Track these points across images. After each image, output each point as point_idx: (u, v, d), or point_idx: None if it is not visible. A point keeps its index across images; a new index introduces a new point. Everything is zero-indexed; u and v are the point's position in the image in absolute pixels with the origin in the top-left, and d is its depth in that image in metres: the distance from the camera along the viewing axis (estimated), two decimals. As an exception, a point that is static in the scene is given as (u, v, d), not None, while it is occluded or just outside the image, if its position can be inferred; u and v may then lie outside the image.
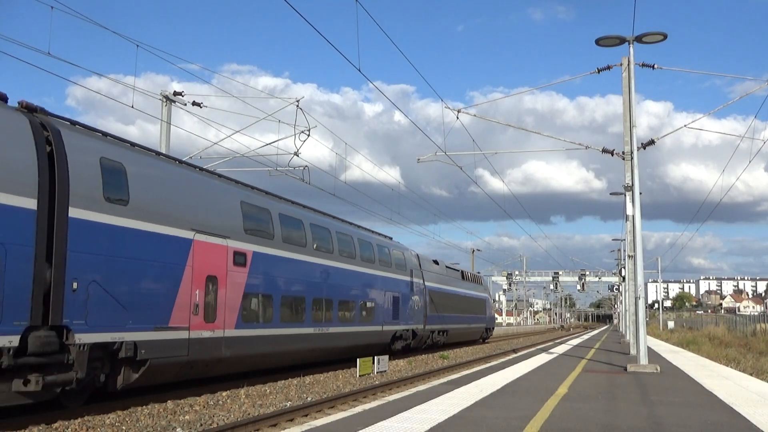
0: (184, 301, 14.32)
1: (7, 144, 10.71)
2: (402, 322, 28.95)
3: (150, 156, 14.61)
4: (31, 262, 10.83)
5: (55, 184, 11.40)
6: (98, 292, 12.10)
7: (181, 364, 14.46)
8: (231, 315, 16.10)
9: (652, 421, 9.38)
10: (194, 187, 15.44)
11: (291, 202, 20.86)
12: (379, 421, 9.10)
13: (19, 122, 11.15)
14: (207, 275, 15.21)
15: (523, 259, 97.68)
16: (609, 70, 22.93)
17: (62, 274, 11.33)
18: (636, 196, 19.58)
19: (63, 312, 11.33)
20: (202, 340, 14.94)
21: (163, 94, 23.15)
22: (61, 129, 11.96)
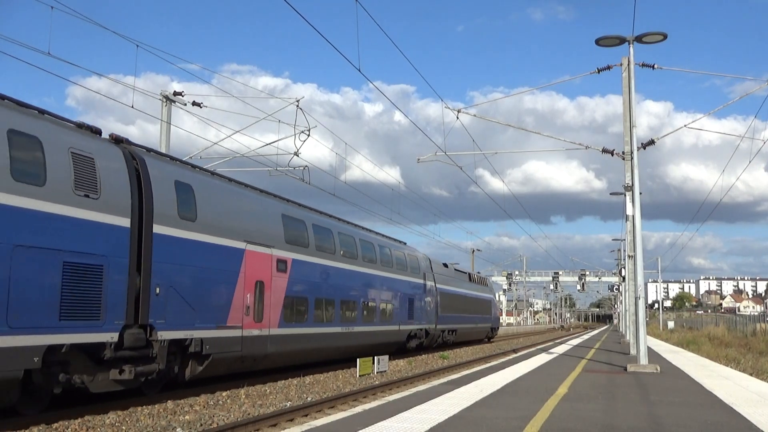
0: (238, 303, 16.39)
1: (110, 172, 12.79)
2: (416, 322, 30.77)
3: (211, 177, 16.82)
4: (126, 271, 12.86)
5: (143, 205, 13.49)
6: (174, 295, 14.14)
7: (235, 359, 16.41)
8: (275, 315, 18.12)
9: (652, 421, 9.38)
10: (245, 202, 17.56)
11: (322, 213, 23.11)
12: (379, 421, 9.10)
13: (116, 154, 13.25)
14: (256, 280, 17.27)
15: (523, 259, 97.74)
16: (609, 70, 22.93)
17: (148, 281, 13.38)
18: (636, 196, 19.58)
19: (149, 313, 13.38)
20: (252, 338, 16.95)
21: (163, 94, 23.14)
22: (145, 157, 14.14)
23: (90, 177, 12.30)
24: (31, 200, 11.03)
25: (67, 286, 11.56)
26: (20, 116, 11.32)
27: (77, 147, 12.20)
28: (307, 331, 20.01)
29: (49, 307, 11.21)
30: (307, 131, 23.44)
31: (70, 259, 11.64)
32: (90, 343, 12.03)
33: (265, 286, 17.71)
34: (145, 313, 13.29)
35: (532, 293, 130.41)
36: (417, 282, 31.43)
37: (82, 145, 12.34)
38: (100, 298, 12.19)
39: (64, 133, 12.17)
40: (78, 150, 12.18)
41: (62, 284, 11.47)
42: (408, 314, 29.73)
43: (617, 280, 73.21)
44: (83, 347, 11.98)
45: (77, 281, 11.78)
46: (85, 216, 12.05)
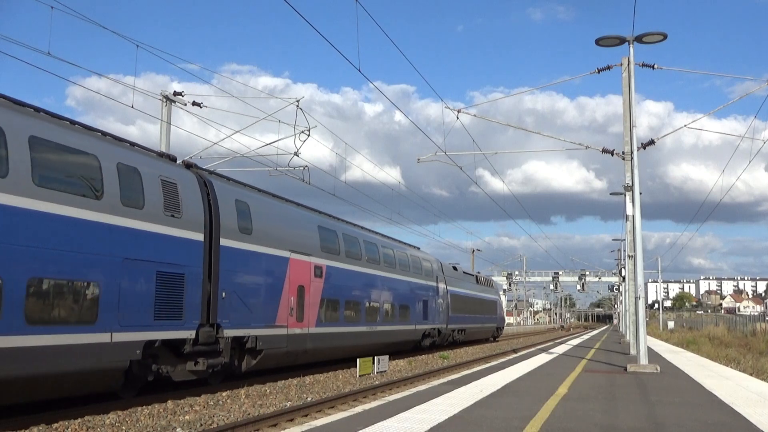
0: (284, 305, 18.61)
1: (188, 195, 14.98)
2: (430, 322, 33.01)
3: (262, 194, 19.14)
4: (201, 278, 15.07)
5: (212, 221, 15.68)
6: (236, 299, 16.29)
7: (281, 354, 18.57)
8: (313, 316, 20.30)
9: (652, 421, 9.38)
10: (289, 216, 19.93)
11: (349, 223, 25.44)
12: (379, 421, 9.10)
13: (191, 178, 15.50)
14: (298, 285, 19.46)
15: (523, 259, 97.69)
16: (609, 70, 22.94)
17: (216, 286, 15.58)
18: (636, 196, 19.58)
19: (217, 314, 15.55)
20: (295, 336, 19.17)
21: (163, 94, 23.14)
22: (212, 180, 16.44)
23: (174, 200, 14.59)
24: (135, 221, 13.32)
25: (159, 291, 13.80)
26: (125, 151, 13.73)
27: (165, 175, 14.54)
28: (339, 330, 22.28)
29: (147, 308, 13.46)
30: (307, 131, 23.41)
31: (161, 269, 13.90)
32: (175, 339, 14.32)
33: (305, 290, 19.94)
34: (215, 314, 15.52)
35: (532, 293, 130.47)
36: (430, 285, 33.53)
37: (168, 173, 14.69)
38: (182, 302, 14.45)
39: (156, 164, 14.47)
40: (165, 177, 14.52)
41: (156, 290, 13.73)
42: (423, 315, 31.84)
43: (617, 280, 73.21)
44: (169, 342, 14.24)
45: (166, 287, 14.02)
46: (171, 233, 14.34)
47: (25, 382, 10.87)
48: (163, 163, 14.82)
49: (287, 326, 18.67)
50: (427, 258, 34.50)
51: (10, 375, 10.52)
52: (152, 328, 13.55)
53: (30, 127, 11.44)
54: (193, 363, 15.07)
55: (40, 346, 11.03)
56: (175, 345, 14.45)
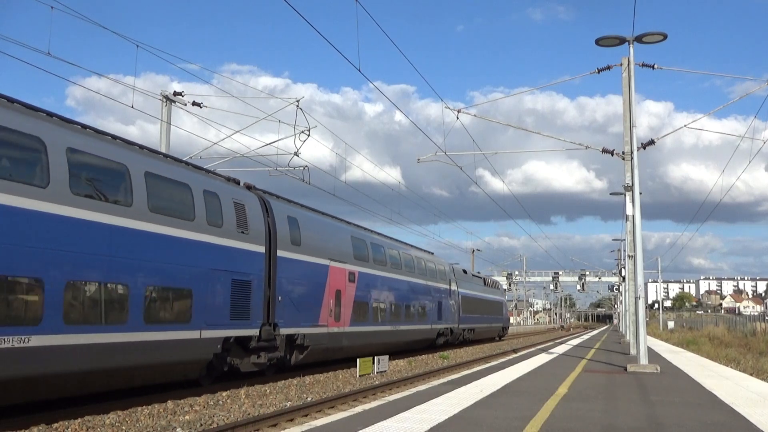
0: (325, 307, 21.09)
1: (253, 214, 17.58)
2: (444, 322, 35.61)
3: (307, 210, 21.53)
4: (263, 284, 17.53)
5: (270, 235, 18.16)
6: (288, 302, 18.84)
7: (323, 349, 21.09)
8: (347, 316, 22.79)
9: (652, 421, 9.38)
10: (328, 228, 22.46)
11: (374, 233, 27.84)
12: (379, 421, 9.10)
13: (254, 199, 18.08)
14: (336, 289, 21.97)
15: (523, 259, 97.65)
16: (609, 70, 22.94)
17: (274, 291, 18.12)
18: (636, 196, 19.58)
19: (275, 315, 18.08)
20: (334, 334, 21.71)
21: (163, 94, 23.14)
22: (269, 200, 19.03)
23: (244, 218, 17.05)
24: (217, 237, 15.76)
25: (234, 296, 16.22)
26: (208, 179, 16.31)
27: (236, 198, 17.05)
28: (368, 329, 24.87)
29: (225, 310, 15.87)
30: (307, 131, 23.44)
31: (235, 277, 16.33)
32: (244, 336, 16.74)
33: (341, 294, 22.40)
34: (273, 315, 18.04)
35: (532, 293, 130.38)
36: (444, 287, 36.16)
37: (238, 196, 17.22)
38: (250, 304, 16.85)
39: (229, 189, 16.98)
40: (236, 200, 17.03)
41: (231, 295, 16.14)
42: (437, 315, 34.38)
43: (617, 280, 73.19)
44: (240, 339, 16.66)
45: (238, 292, 16.43)
46: (242, 246, 16.80)
47: (144, 369, 13.62)
48: (233, 187, 17.48)
49: (327, 326, 21.25)
50: (440, 262, 37.02)
51: (137, 362, 13.21)
52: (228, 326, 16.06)
53: (146, 164, 14.01)
54: (256, 356, 17.65)
55: (155, 341, 13.59)
56: (244, 341, 16.94)
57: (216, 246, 15.71)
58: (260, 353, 17.65)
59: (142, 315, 13.19)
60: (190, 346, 14.69)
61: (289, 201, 20.65)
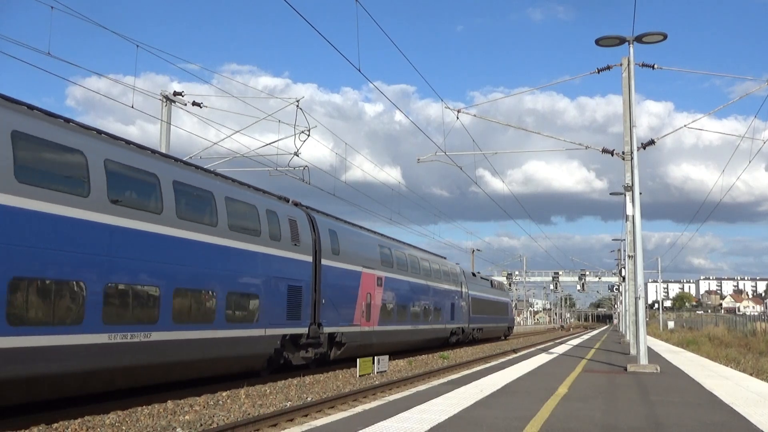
0: (358, 309, 23.73)
1: (303, 228, 20.12)
2: (456, 322, 38.45)
3: (343, 223, 24.34)
4: (311, 289, 20.19)
5: (316, 246, 20.78)
6: (330, 304, 21.41)
7: (357, 346, 23.57)
8: (376, 317, 25.44)
9: (652, 421, 9.38)
10: (360, 238, 25.21)
11: (397, 241, 30.57)
12: (379, 421, 9.10)
13: (303, 215, 20.64)
14: (367, 293, 24.58)
15: (523, 259, 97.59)
16: (609, 70, 22.95)
17: (319, 295, 20.66)
18: (636, 196, 19.58)
19: (320, 315, 20.75)
20: (365, 332, 24.42)
21: (163, 94, 23.13)
22: (314, 215, 21.55)
23: (296, 232, 19.64)
24: (277, 250, 18.43)
25: (289, 299, 18.78)
26: (269, 200, 18.92)
27: (290, 215, 19.65)
28: (393, 328, 27.58)
29: (283, 312, 18.48)
30: (307, 131, 23.44)
31: (290, 283, 18.93)
32: (296, 334, 19.35)
33: (371, 296, 25.02)
34: (318, 316, 20.67)
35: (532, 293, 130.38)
36: (456, 290, 38.82)
37: (291, 213, 19.85)
38: (301, 306, 19.40)
39: (284, 207, 19.61)
40: (290, 216, 19.66)
41: (287, 299, 18.72)
42: (451, 316, 37.10)
43: (617, 280, 73.18)
44: (293, 336, 19.20)
45: (293, 296, 18.99)
46: (295, 257, 19.39)
47: (225, 361, 16.10)
48: (287, 206, 20.03)
49: (360, 325, 23.93)
50: (452, 266, 39.91)
51: (220, 355, 15.71)
52: (285, 326, 18.64)
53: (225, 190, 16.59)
54: (305, 351, 20.17)
55: (233, 337, 16.08)
56: (296, 338, 19.45)
57: (276, 257, 18.37)
58: (308, 349, 20.35)
59: (225, 316, 15.80)
60: (258, 342, 17.38)
61: (327, 214, 23.26)
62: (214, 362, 15.66)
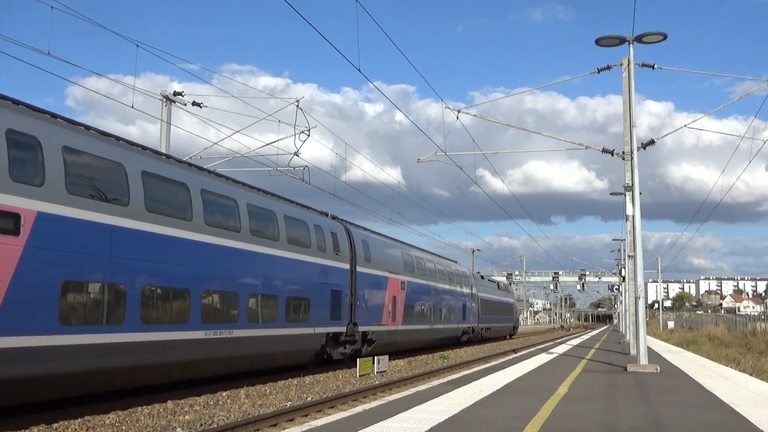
0: (386, 310, 26.56)
1: (342, 239, 22.95)
2: (467, 322, 41.16)
3: (373, 233, 27.22)
4: (348, 293, 22.95)
5: (352, 255, 23.50)
6: (363, 306, 24.20)
7: (384, 343, 26.29)
8: (399, 317, 28.10)
9: (652, 421, 9.38)
10: (387, 247, 28.04)
11: (416, 248, 33.33)
12: (379, 421, 9.10)
13: (341, 227, 23.43)
14: (392, 295, 27.38)
15: (523, 259, 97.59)
16: (609, 70, 22.94)
17: (355, 298, 23.46)
18: (636, 196, 19.57)
19: (355, 316, 23.50)
20: (391, 331, 27.18)
21: (163, 94, 23.13)
22: (349, 227, 24.36)
23: (337, 243, 22.37)
24: (323, 259, 21.21)
25: (332, 302, 21.49)
26: (315, 216, 21.72)
27: (332, 228, 22.45)
28: (414, 327, 30.29)
29: (327, 313, 21.18)
30: (307, 131, 23.44)
31: (332, 288, 21.67)
32: (337, 332, 22.13)
33: (396, 299, 27.76)
34: (354, 317, 23.44)
35: (532, 293, 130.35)
36: (467, 292, 41.45)
37: (332, 227, 22.60)
38: (341, 308, 22.09)
39: (327, 222, 22.37)
40: (332, 230, 22.45)
41: (330, 302, 21.38)
42: (462, 316, 39.75)
43: (617, 280, 73.15)
44: (334, 334, 22.00)
45: (334, 299, 21.69)
46: (337, 265, 22.15)
47: (284, 355, 19.09)
48: (328, 220, 22.88)
49: (387, 324, 26.65)
50: (463, 270, 42.97)
51: (280, 349, 18.67)
52: (329, 325, 21.38)
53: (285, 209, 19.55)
54: (343, 348, 22.84)
55: (291, 334, 18.94)
56: (337, 336, 22.20)
57: (322, 265, 21.15)
58: (346, 345, 23.05)
59: (285, 317, 18.56)
60: (309, 339, 20.17)
61: (358, 226, 26.26)
62: (276, 356, 18.65)
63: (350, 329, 23.00)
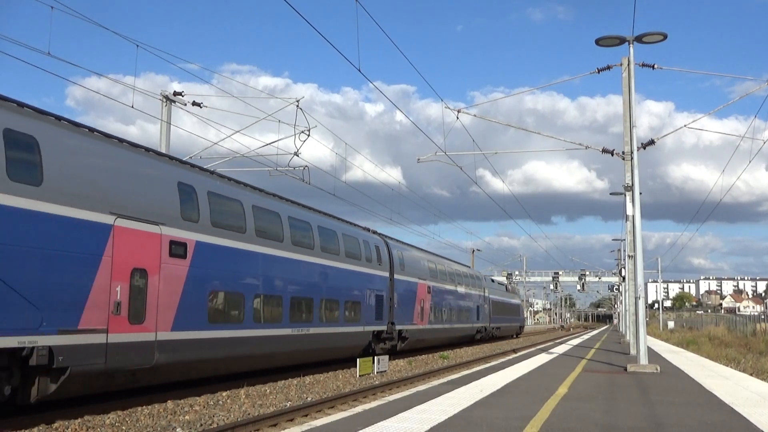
0: (415, 310, 30.51)
1: (383, 251, 26.98)
2: (480, 322, 45.34)
3: (406, 245, 31.45)
4: (389, 297, 26.89)
5: (390, 264, 27.51)
6: (399, 308, 28.08)
7: (415, 340, 30.49)
8: (426, 317, 32.17)
9: (652, 421, 9.38)
10: (416, 256, 32.05)
11: (439, 256, 37.90)
12: (379, 421, 9.10)
13: (382, 241, 27.47)
14: (421, 299, 31.42)
15: (523, 259, 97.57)
16: (609, 70, 22.94)
17: (392, 301, 27.34)
18: (636, 196, 19.57)
19: (393, 316, 27.40)
20: (420, 329, 31.23)
21: (163, 94, 23.12)
22: (387, 240, 28.43)
23: (379, 255, 26.48)
24: (370, 270, 25.31)
25: (376, 305, 25.36)
26: (364, 232, 26.23)
27: (375, 242, 26.58)
28: (438, 327, 34.41)
29: (372, 314, 25.03)
30: (307, 131, 23.43)
31: (377, 293, 25.59)
32: (380, 330, 26.05)
33: (424, 302, 31.73)
34: (392, 317, 27.31)
35: (532, 293, 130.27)
36: (480, 294, 45.84)
37: (375, 241, 26.76)
38: (383, 310, 26.05)
39: (372, 237, 26.67)
40: (375, 244, 26.52)
41: (375, 304, 25.20)
42: (477, 316, 44.00)
43: (617, 280, 73.14)
44: (378, 332, 25.89)
45: (378, 303, 25.59)
46: (379, 273, 26.22)
47: (343, 348, 23.17)
48: (372, 235, 27.02)
49: (417, 324, 30.56)
50: (477, 274, 48.31)
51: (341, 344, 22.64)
52: (374, 324, 25.27)
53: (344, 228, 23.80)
54: (383, 343, 26.70)
55: (347, 332, 22.90)
56: (379, 333, 26.13)
57: (369, 274, 25.11)
58: (386, 341, 27.00)
59: (344, 317, 22.56)
60: (360, 336, 24.12)
61: (392, 238, 30.01)
62: (337, 349, 22.66)
63: (389, 328, 27.07)
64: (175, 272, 13.99)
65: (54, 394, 11.41)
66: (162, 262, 13.62)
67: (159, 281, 13.52)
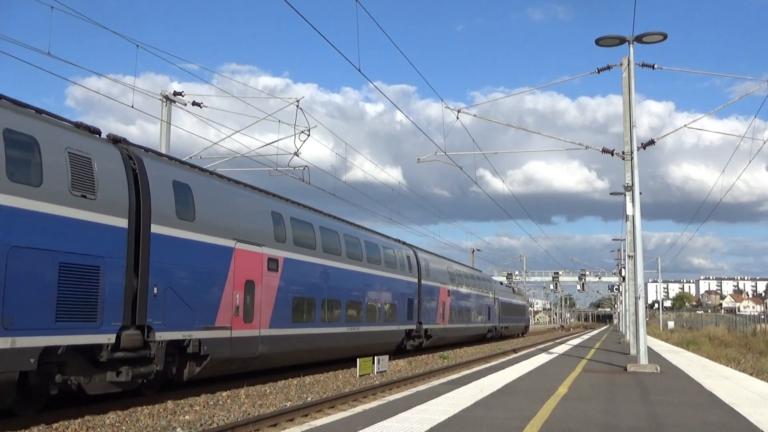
0: (438, 312, 34.01)
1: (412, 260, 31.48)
2: (491, 322, 49.09)
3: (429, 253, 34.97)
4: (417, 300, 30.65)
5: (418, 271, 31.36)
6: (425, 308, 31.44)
7: (437, 338, 33.96)
8: (447, 317, 35.57)
9: (652, 421, 9.38)
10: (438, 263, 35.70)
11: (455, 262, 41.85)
12: (379, 421, 9.10)
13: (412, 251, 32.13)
14: (442, 301, 34.85)
15: (523, 259, 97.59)
16: (609, 70, 22.93)
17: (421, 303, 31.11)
18: (636, 196, 19.57)
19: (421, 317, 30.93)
20: (442, 328, 34.71)
21: (163, 94, 23.12)
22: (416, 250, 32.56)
23: (408, 263, 29.92)
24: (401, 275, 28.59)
25: (407, 307, 28.74)
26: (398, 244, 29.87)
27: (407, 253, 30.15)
28: (456, 326, 37.81)
29: (405, 314, 28.54)
30: (307, 131, 23.44)
31: (408, 297, 29.03)
32: (410, 329, 29.52)
33: (445, 304, 35.23)
34: (420, 317, 30.82)
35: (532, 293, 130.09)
36: (491, 296, 49.52)
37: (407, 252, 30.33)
38: (413, 311, 29.66)
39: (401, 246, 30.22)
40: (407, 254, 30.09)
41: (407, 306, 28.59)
42: (487, 317, 47.66)
43: (617, 280, 73.14)
44: (408, 330, 29.28)
45: (409, 305, 29.09)
46: (410, 279, 29.71)
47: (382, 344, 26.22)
48: (404, 246, 30.57)
49: (439, 323, 34.10)
50: (488, 278, 52.91)
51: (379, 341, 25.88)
52: (406, 323, 28.84)
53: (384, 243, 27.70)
54: (412, 340, 30.19)
55: (385, 330, 26.39)
56: (410, 332, 29.60)
57: (402, 280, 28.54)
58: (415, 339, 30.42)
59: (383, 317, 26.07)
60: (395, 333, 27.75)
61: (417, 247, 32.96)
62: (377, 345, 25.85)
63: (418, 327, 30.55)
64: (271, 282, 17.65)
65: (197, 375, 14.90)
66: (263, 275, 17.32)
67: (261, 289, 17.10)
